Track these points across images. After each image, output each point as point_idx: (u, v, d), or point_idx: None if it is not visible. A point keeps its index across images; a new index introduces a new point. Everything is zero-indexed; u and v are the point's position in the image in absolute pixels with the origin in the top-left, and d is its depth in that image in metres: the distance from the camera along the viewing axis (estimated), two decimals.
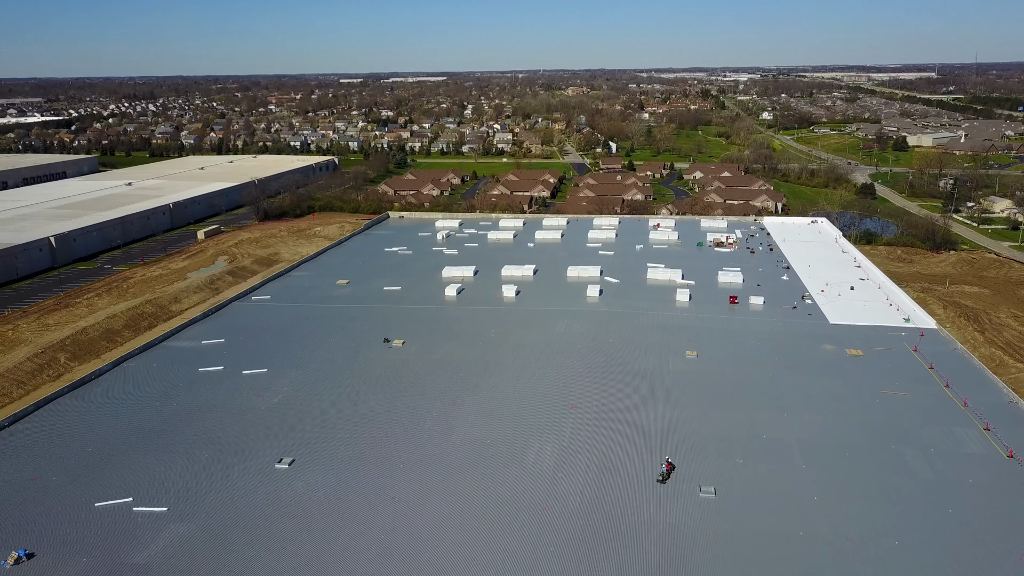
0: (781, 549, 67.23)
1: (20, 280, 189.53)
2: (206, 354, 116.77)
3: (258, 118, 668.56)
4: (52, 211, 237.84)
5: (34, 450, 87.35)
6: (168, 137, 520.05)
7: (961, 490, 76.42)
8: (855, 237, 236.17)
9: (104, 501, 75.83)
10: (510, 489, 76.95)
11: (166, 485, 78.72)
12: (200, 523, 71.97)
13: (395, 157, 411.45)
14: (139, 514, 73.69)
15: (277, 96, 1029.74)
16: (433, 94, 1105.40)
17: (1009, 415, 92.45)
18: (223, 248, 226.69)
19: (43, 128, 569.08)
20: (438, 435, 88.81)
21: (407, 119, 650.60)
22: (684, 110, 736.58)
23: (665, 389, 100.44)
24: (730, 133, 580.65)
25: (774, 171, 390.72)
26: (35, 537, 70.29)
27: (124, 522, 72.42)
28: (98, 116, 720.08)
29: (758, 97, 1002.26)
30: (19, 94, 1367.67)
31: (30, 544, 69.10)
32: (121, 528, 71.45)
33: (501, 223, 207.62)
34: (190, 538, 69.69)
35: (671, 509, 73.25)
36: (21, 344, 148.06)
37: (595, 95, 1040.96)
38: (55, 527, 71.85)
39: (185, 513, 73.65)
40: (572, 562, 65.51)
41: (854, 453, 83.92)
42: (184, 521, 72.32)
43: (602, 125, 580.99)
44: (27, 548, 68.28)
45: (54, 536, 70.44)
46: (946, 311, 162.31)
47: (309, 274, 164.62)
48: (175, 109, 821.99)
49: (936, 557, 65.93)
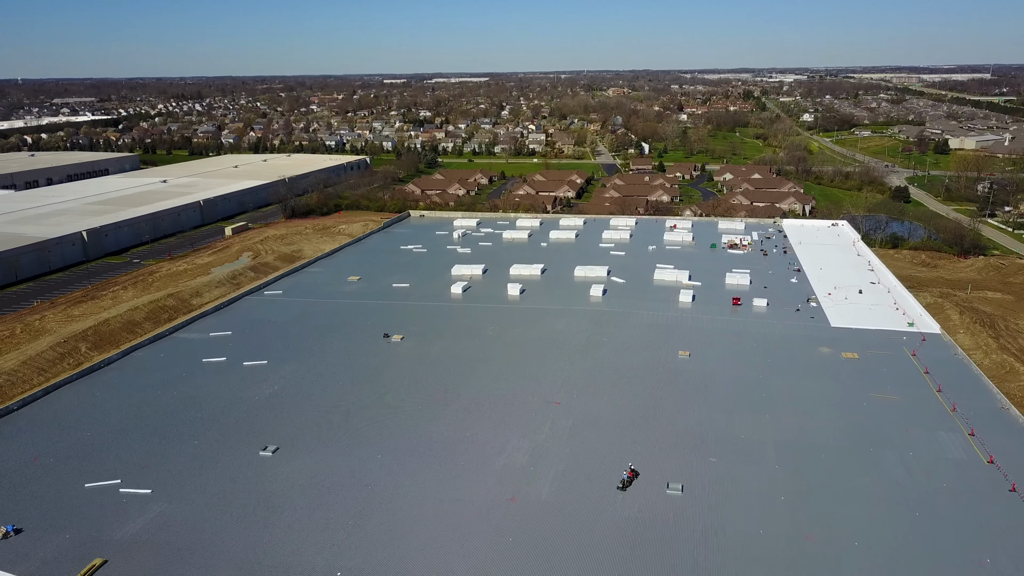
0: (738, 546, 67.77)
1: (52, 272, 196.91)
2: (212, 345, 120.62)
3: (298, 118, 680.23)
4: (88, 207, 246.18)
5: (37, 433, 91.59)
6: (210, 136, 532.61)
7: (933, 494, 75.96)
8: (880, 241, 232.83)
9: (94, 482, 79.43)
10: (482, 481, 78.62)
11: (153, 469, 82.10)
12: (180, 505, 75.07)
13: (426, 157, 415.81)
14: (125, 495, 77.07)
15: (320, 96, 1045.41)
16: (473, 95, 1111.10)
17: (997, 421, 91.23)
18: (248, 244, 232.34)
19: (91, 127, 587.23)
20: (420, 427, 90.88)
21: (443, 120, 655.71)
22: (723, 112, 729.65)
23: (651, 388, 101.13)
24: (768, 135, 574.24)
25: (808, 173, 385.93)
26: (26, 514, 74.03)
27: (110, 502, 75.85)
28: (145, 115, 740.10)
29: (801, 98, 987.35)
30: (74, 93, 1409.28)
31: (20, 520, 72.83)
32: (106, 508, 74.86)
33: (518, 223, 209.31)
34: (168, 518, 72.78)
35: (635, 504, 74.17)
36: (46, 333, 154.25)
37: (635, 96, 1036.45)
38: (45, 505, 75.57)
39: (167, 495, 76.84)
40: (531, 552, 66.90)
41: (830, 455, 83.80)
42: (165, 502, 75.49)
43: (637, 126, 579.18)
44: (16, 524, 72.01)
45: (43, 513, 74.11)
46: (961, 317, 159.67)
47: (323, 270, 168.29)
48: (220, 109, 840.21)
49: (893, 559, 65.85)
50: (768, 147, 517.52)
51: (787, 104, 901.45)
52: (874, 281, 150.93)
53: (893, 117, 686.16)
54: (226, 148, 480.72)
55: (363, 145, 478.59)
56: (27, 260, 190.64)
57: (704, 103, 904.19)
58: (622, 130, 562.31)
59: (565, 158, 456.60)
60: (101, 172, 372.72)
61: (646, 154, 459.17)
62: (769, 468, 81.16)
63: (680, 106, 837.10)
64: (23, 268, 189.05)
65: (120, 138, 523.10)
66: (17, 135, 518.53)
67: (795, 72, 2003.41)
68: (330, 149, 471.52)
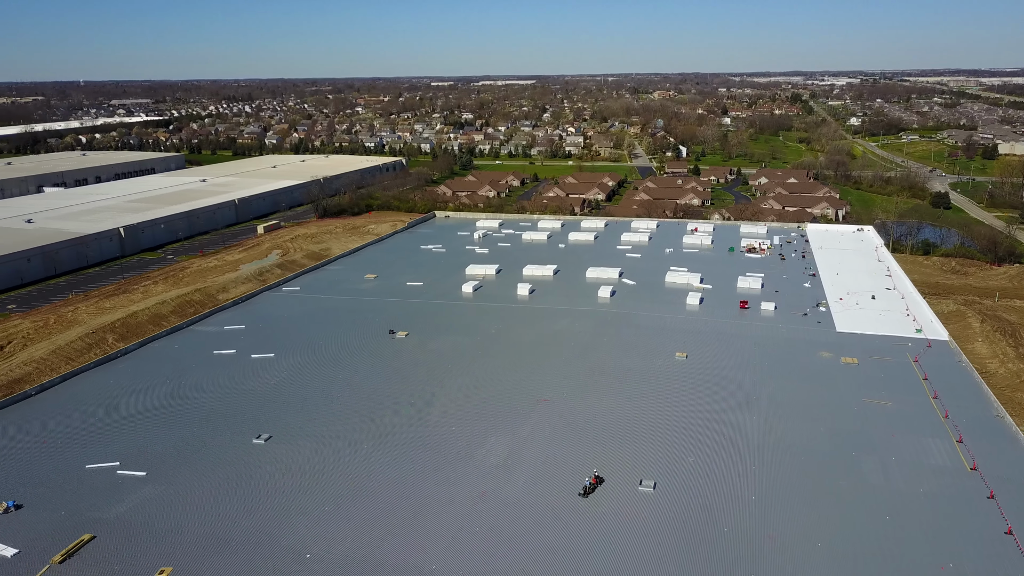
0: (700, 543, 68.64)
1: (90, 267, 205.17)
2: (224, 338, 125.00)
3: (341, 119, 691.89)
4: (128, 204, 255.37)
5: (49, 417, 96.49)
6: (254, 137, 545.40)
7: (908, 499, 75.67)
8: (911, 247, 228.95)
9: (94, 464, 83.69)
10: (458, 474, 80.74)
11: (151, 452, 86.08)
12: (170, 487, 78.73)
13: (461, 159, 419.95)
14: (121, 476, 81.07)
15: (366, 98, 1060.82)
16: (518, 97, 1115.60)
17: (988, 430, 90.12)
18: (279, 242, 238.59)
19: (143, 127, 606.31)
20: (408, 420, 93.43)
21: (483, 122, 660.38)
22: (767, 115, 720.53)
23: (642, 388, 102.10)
24: (811, 139, 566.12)
25: (847, 178, 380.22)
26: (28, 491, 78.43)
27: (106, 482, 79.86)
28: (195, 116, 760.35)
29: (851, 102, 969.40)
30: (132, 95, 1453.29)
31: (22, 497, 77.21)
32: (102, 488, 78.86)
33: (539, 224, 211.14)
34: (157, 499, 76.47)
35: (603, 500, 75.47)
36: (77, 325, 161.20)
37: (679, 99, 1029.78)
38: (47, 483, 79.94)
39: (160, 478, 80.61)
40: (495, 545, 68.76)
41: (810, 457, 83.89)
42: (157, 484, 79.26)
43: (678, 129, 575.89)
44: (17, 500, 76.40)
45: (44, 491, 78.44)
46: (982, 325, 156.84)
47: (343, 268, 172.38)
48: (268, 111, 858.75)
49: (851, 560, 66.02)
50: (810, 151, 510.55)
51: (835, 108, 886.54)
52: (890, 287, 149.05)
53: (944, 121, 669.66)
54: (268, 149, 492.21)
55: (401, 147, 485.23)
56: (66, 254, 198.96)
57: (749, 106, 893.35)
58: (661, 133, 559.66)
59: (601, 161, 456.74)
60: (148, 171, 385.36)
61: (683, 157, 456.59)
62: (746, 468, 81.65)
63: (725, 109, 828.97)
64: (62, 262, 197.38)
65: (169, 138, 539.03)
66: (72, 135, 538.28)
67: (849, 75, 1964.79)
68: (369, 150, 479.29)
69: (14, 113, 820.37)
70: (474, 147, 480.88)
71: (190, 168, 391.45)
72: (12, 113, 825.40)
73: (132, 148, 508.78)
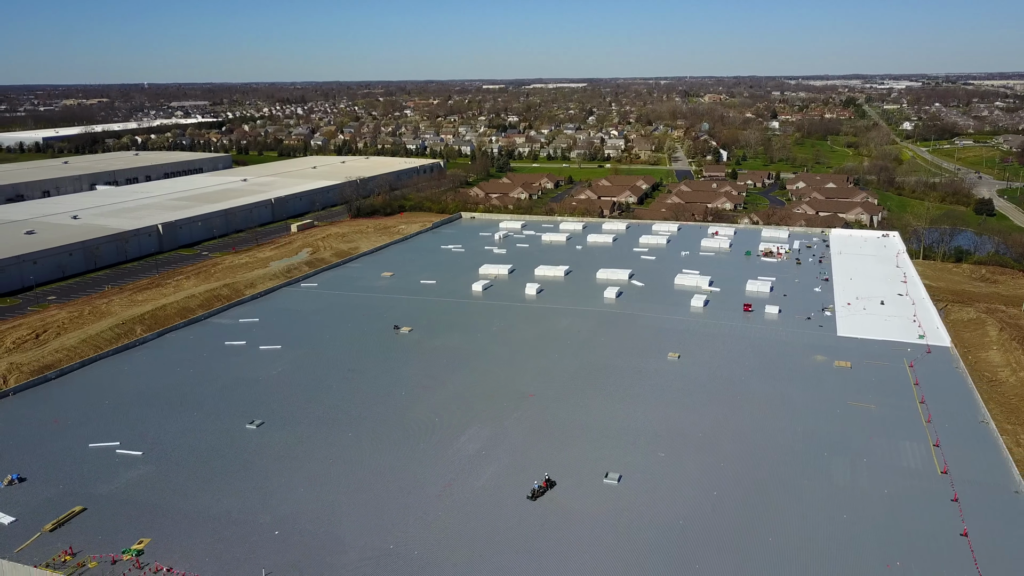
0: (652, 534, 70.41)
1: (129, 261, 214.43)
2: (238, 330, 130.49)
3: (388, 122, 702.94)
4: (170, 202, 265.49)
5: (64, 399, 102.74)
6: (302, 138, 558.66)
7: (869, 499, 76.22)
8: (943, 254, 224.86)
9: (97, 443, 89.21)
10: (431, 462, 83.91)
11: (150, 434, 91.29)
12: (162, 466, 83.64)
13: (498, 161, 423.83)
14: (119, 456, 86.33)
15: (415, 101, 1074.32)
16: (566, 100, 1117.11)
17: (969, 434, 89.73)
18: (310, 241, 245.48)
19: (197, 128, 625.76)
20: (396, 410, 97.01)
21: (527, 125, 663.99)
22: (816, 119, 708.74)
23: (628, 386, 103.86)
24: (860, 143, 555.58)
25: (889, 183, 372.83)
26: (33, 466, 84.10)
27: (105, 461, 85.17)
28: (248, 118, 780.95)
29: (908, 106, 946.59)
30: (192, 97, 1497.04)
31: (27, 471, 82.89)
32: (100, 465, 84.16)
33: (561, 226, 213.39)
34: (148, 477, 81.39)
35: (566, 491, 77.75)
36: (109, 316, 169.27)
37: (730, 103, 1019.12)
38: (51, 460, 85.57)
39: (155, 458, 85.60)
40: (453, 534, 71.69)
41: (782, 456, 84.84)
42: (150, 464, 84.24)
43: (722, 133, 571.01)
44: (21, 474, 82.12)
45: (47, 467, 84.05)
46: (1000, 333, 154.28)
47: (362, 265, 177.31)
48: (319, 113, 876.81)
49: (801, 556, 67.14)
50: (857, 156, 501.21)
51: (890, 112, 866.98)
52: (902, 293, 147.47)
53: (1002, 126, 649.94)
54: (313, 150, 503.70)
55: (442, 149, 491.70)
56: (106, 249, 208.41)
57: (800, 110, 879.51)
58: (705, 137, 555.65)
59: (640, 164, 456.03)
60: (196, 170, 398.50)
61: (723, 161, 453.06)
62: (714, 465, 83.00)
63: (774, 113, 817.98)
64: (102, 256, 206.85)
65: (220, 139, 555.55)
66: (129, 135, 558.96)
67: (910, 79, 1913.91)
68: (410, 152, 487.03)
69: (79, 115, 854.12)
70: (513, 150, 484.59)
71: (235, 168, 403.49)
72: (77, 115, 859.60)
73: (183, 148, 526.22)
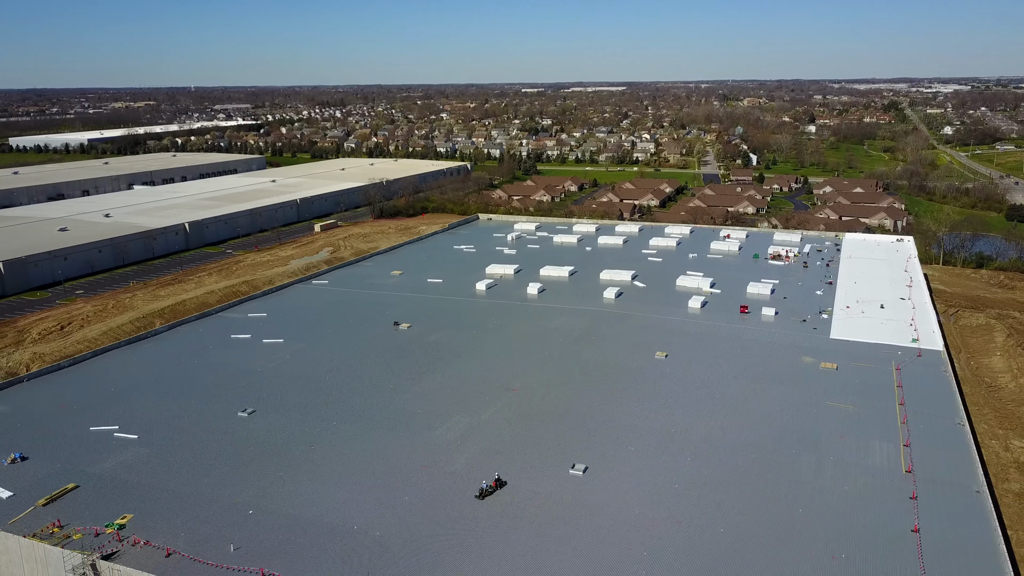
0: (608, 523, 72.71)
1: (155, 258, 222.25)
2: (245, 324, 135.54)
3: (422, 125, 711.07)
4: (200, 201, 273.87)
5: (73, 385, 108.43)
6: (336, 141, 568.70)
7: (827, 495, 77.56)
8: (963, 259, 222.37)
9: (97, 426, 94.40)
10: (409, 447, 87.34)
11: (146, 419, 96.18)
12: (154, 449, 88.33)
13: (525, 164, 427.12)
14: (116, 438, 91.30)
15: (452, 104, 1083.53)
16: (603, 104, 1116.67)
17: (942, 436, 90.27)
18: (331, 240, 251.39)
19: (235, 131, 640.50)
20: (383, 400, 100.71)
21: (559, 128, 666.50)
22: (853, 123, 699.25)
23: (611, 382, 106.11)
24: (896, 148, 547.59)
25: (920, 188, 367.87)
26: (36, 446, 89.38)
27: (102, 443, 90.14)
28: (286, 121, 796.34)
29: (951, 110, 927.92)
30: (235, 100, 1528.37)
31: (29, 451, 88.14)
32: (97, 446, 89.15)
33: (574, 228, 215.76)
34: (140, 458, 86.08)
35: (532, 479, 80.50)
36: (131, 310, 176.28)
37: (769, 106, 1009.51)
38: (53, 440, 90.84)
39: (149, 441, 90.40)
40: (413, 512, 74.91)
41: (749, 453, 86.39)
42: (143, 446, 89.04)
43: (756, 137, 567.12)
44: (24, 452, 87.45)
45: (48, 447, 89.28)
46: (1007, 339, 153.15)
47: (374, 264, 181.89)
48: (356, 116, 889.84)
49: (750, 545, 68.91)
50: (892, 160, 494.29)
51: (933, 116, 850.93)
52: (904, 297, 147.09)
53: None
54: (345, 152, 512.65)
55: (471, 152, 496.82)
56: (134, 246, 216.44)
57: (839, 114, 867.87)
58: (737, 140, 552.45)
59: (669, 167, 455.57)
60: (231, 171, 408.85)
61: (753, 165, 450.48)
62: (681, 460, 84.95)
63: (812, 117, 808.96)
64: (130, 253, 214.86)
65: (257, 141, 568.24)
66: (170, 137, 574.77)
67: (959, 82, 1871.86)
68: (440, 155, 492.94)
69: (125, 117, 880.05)
70: (542, 153, 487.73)
71: (268, 169, 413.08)
72: (124, 117, 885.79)
73: (220, 150, 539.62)
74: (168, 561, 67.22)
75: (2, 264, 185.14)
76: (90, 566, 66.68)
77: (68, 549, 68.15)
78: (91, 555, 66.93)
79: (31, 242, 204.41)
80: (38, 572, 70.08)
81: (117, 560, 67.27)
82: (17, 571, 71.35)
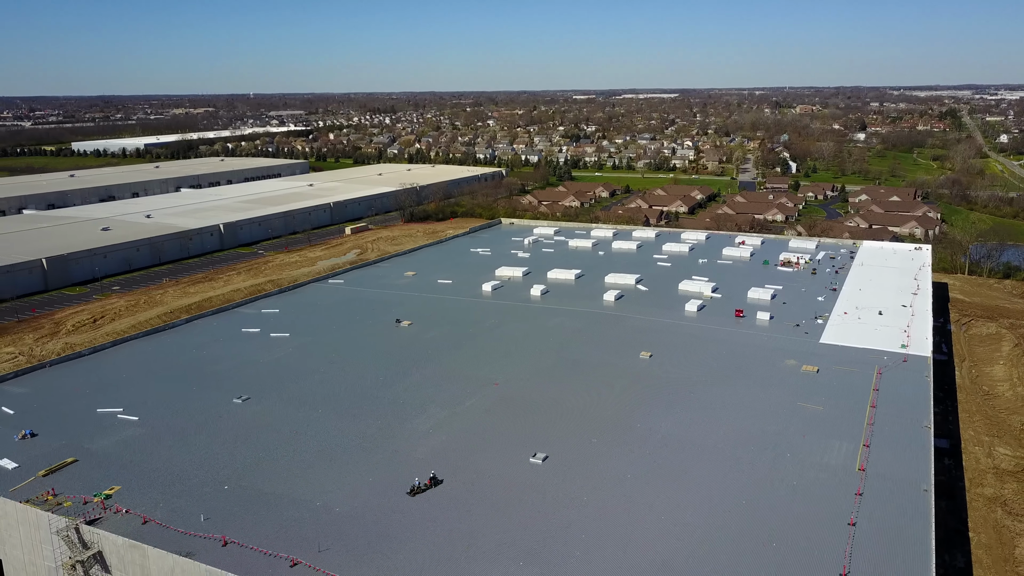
0: (559, 511, 76.47)
1: (191, 257, 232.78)
2: (257, 319, 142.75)
3: (467, 131, 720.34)
4: (239, 204, 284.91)
5: (89, 372, 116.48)
6: (380, 147, 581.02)
7: (774, 490, 79.98)
8: (989, 269, 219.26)
9: (103, 408, 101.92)
10: (386, 435, 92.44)
11: (149, 403, 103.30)
12: (151, 430, 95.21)
13: (560, 170, 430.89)
14: (119, 419, 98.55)
15: (499, 111, 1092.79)
16: (652, 111, 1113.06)
17: (905, 438, 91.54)
18: (360, 243, 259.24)
19: (284, 137, 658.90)
20: (370, 390, 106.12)
21: (601, 135, 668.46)
22: (905, 131, 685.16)
23: (591, 379, 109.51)
24: (946, 156, 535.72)
25: (963, 198, 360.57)
26: (46, 424, 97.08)
27: (104, 423, 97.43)
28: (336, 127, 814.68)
29: (1012, 118, 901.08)
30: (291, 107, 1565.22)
31: (39, 428, 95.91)
32: (100, 427, 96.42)
33: (592, 232, 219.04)
34: (137, 437, 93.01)
35: (495, 465, 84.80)
36: (160, 305, 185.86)
37: (821, 113, 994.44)
38: (61, 419, 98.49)
39: (147, 423, 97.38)
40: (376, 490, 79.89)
41: (706, 449, 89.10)
42: (142, 427, 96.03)
43: (798, 144, 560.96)
44: (34, 429, 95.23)
45: (57, 425, 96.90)
46: (1013, 349, 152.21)
47: (391, 265, 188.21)
48: (404, 122, 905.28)
49: (688, 534, 71.98)
50: (941, 169, 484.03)
51: (991, 124, 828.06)
52: (906, 304, 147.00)
53: None
54: (388, 158, 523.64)
55: (509, 158, 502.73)
56: (170, 246, 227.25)
57: (893, 121, 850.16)
58: (779, 148, 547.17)
59: (706, 174, 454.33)
60: (274, 176, 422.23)
61: (791, 172, 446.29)
62: (638, 454, 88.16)
63: (863, 125, 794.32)
64: (166, 252, 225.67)
65: (304, 147, 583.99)
66: (221, 142, 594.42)
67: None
68: (479, 161, 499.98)
69: (183, 123, 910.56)
70: (580, 159, 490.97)
71: (311, 174, 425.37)
72: (182, 123, 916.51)
73: (268, 155, 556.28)
74: (144, 528, 73.47)
75: (45, 261, 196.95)
76: (74, 529, 73.31)
77: (57, 515, 74.97)
78: (75, 520, 73.54)
79: (74, 240, 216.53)
80: (31, 534, 77.16)
81: (98, 525, 73.75)
82: (14, 532, 78.64)
